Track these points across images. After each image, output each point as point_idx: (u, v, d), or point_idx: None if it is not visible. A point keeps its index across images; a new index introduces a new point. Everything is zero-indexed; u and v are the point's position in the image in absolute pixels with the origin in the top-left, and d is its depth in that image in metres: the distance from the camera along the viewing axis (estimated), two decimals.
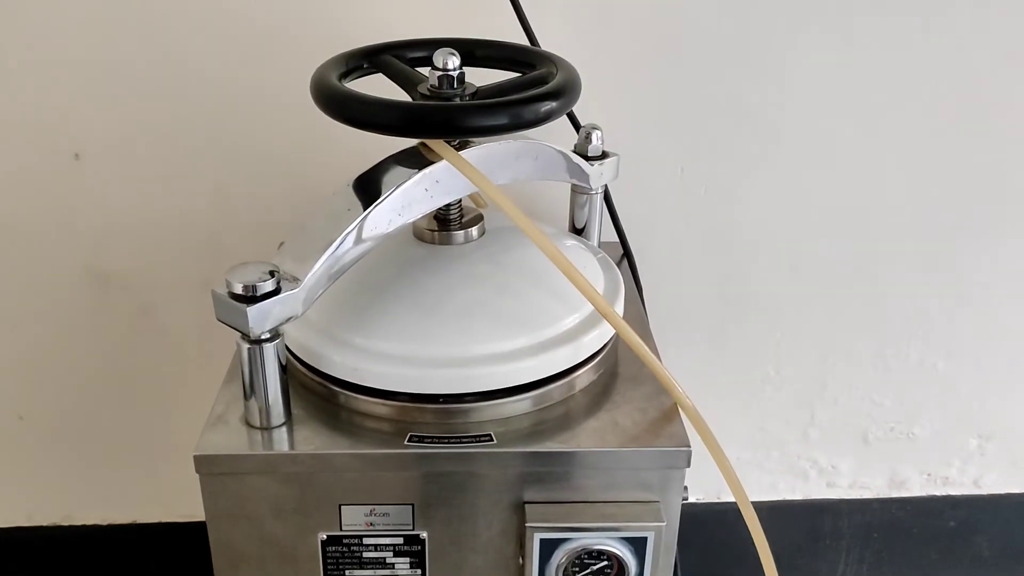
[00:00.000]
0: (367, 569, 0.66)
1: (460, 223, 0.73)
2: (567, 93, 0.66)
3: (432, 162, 0.65)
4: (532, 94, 0.65)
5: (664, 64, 0.94)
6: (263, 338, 0.60)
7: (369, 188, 0.64)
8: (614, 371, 0.73)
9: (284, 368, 0.63)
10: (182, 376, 1.07)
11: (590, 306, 0.68)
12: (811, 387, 1.13)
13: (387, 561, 0.66)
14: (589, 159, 0.83)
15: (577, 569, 0.64)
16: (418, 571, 0.66)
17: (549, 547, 0.64)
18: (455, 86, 0.66)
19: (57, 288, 1.01)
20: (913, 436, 1.17)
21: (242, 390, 0.63)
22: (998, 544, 1.25)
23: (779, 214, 1.02)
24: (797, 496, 1.21)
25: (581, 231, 0.88)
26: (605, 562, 0.64)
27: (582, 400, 0.69)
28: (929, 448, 1.18)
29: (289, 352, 0.68)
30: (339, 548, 0.65)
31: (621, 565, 0.64)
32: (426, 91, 0.66)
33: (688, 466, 0.64)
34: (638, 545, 0.64)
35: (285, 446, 0.63)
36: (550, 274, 0.65)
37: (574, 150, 0.83)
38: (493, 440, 0.63)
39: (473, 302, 0.69)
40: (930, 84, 0.96)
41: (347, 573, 0.66)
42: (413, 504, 0.64)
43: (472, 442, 0.63)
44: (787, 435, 1.16)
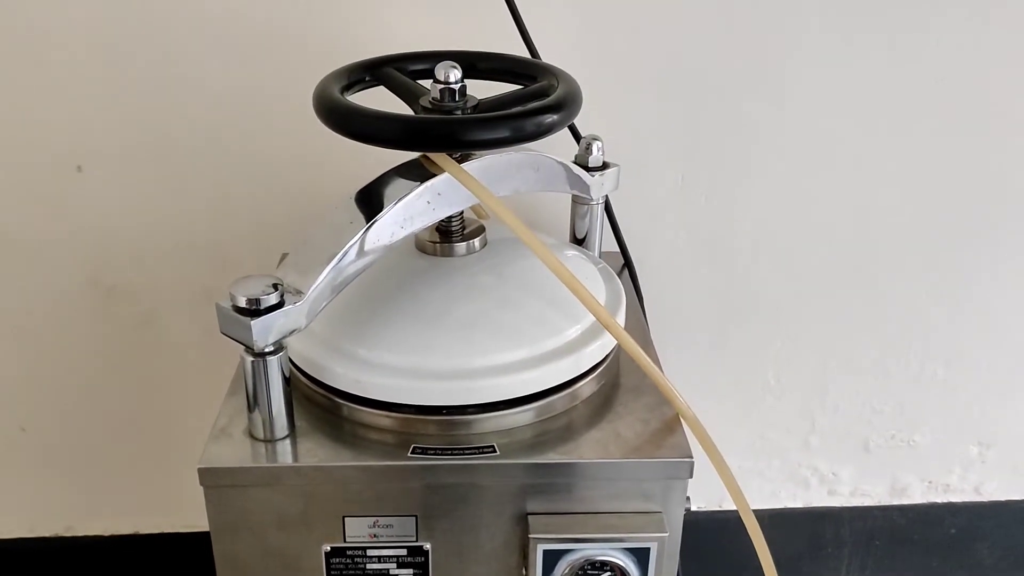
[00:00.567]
0: None
1: (462, 235, 0.74)
2: (568, 106, 0.66)
3: (434, 174, 0.65)
4: (534, 107, 0.65)
5: (663, 74, 0.95)
6: (267, 351, 0.60)
7: (371, 201, 0.65)
8: (616, 381, 0.73)
9: (288, 380, 0.63)
10: (184, 386, 1.07)
11: (592, 317, 0.69)
12: (812, 395, 1.14)
13: (391, 573, 0.66)
14: (590, 170, 0.84)
15: None
16: None
17: (552, 558, 0.64)
18: (457, 99, 0.66)
19: (59, 299, 1.01)
20: (914, 443, 1.17)
21: (246, 402, 0.63)
22: (999, 551, 1.25)
23: (779, 222, 1.03)
24: (798, 504, 1.21)
25: (582, 241, 0.88)
26: (608, 573, 0.64)
27: (584, 411, 0.69)
28: (930, 455, 1.18)
29: (292, 364, 0.68)
30: (343, 560, 0.65)
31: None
32: (428, 104, 0.66)
33: (691, 477, 0.64)
34: (641, 556, 0.64)
35: (289, 458, 0.63)
36: (552, 285, 0.65)
37: (575, 161, 0.83)
38: (496, 452, 0.63)
39: (475, 313, 0.69)
40: (929, 88, 0.97)
41: None
42: (416, 516, 0.64)
43: (475, 454, 0.63)
44: (788, 443, 1.16)
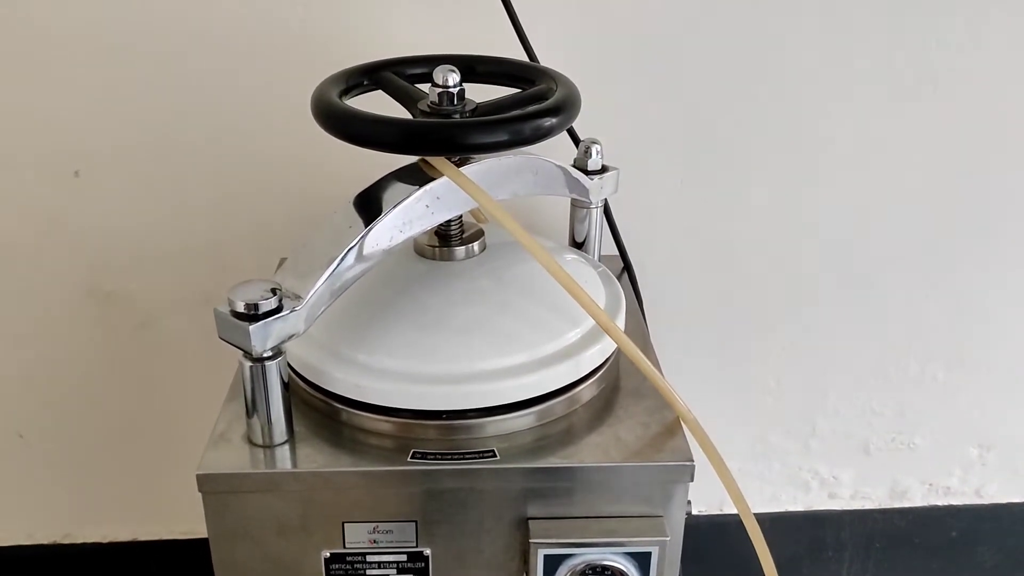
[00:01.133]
0: None
1: (461, 239, 0.73)
2: (567, 109, 0.66)
3: (433, 178, 0.65)
4: (532, 110, 0.65)
5: (662, 78, 0.95)
6: (265, 356, 0.60)
7: (370, 205, 0.64)
8: (616, 385, 0.73)
9: (286, 386, 0.63)
10: (182, 392, 1.06)
11: (591, 321, 0.68)
12: (812, 398, 1.14)
13: None
14: (589, 173, 0.84)
15: None
16: None
17: (553, 563, 0.64)
18: (455, 103, 0.66)
19: (57, 304, 1.01)
20: (914, 446, 1.17)
21: (244, 408, 0.63)
22: (1000, 554, 1.25)
23: (778, 225, 1.03)
24: (799, 507, 1.20)
25: (581, 245, 0.88)
26: None
27: (584, 415, 0.69)
28: (930, 458, 1.18)
29: (291, 369, 0.68)
30: (343, 566, 0.65)
31: None
32: (426, 108, 0.66)
33: (691, 480, 0.64)
34: (642, 560, 0.64)
35: (288, 464, 0.63)
36: (551, 289, 0.65)
37: (574, 164, 0.83)
38: (496, 456, 0.63)
39: (475, 317, 0.69)
40: (928, 90, 0.97)
41: None
42: (416, 521, 0.64)
43: (475, 458, 0.63)
44: (788, 446, 1.16)
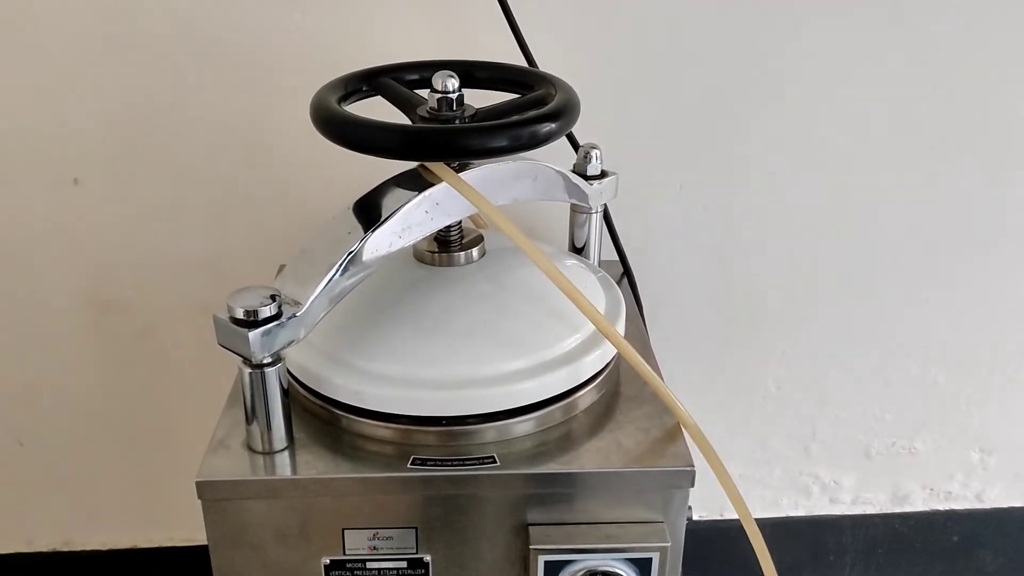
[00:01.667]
0: None
1: (460, 244, 0.73)
2: (566, 114, 0.66)
3: (432, 184, 0.65)
4: (531, 115, 0.65)
5: (661, 83, 0.95)
6: (265, 362, 0.60)
7: (369, 211, 0.64)
8: (616, 391, 0.72)
9: (286, 392, 0.62)
10: (181, 399, 1.06)
11: (591, 326, 0.68)
12: (812, 402, 1.13)
13: None
14: (588, 178, 0.84)
15: None
16: None
17: (554, 569, 0.63)
18: (454, 108, 0.66)
19: (56, 312, 1.01)
20: (915, 451, 1.17)
21: (244, 414, 0.63)
22: (1002, 558, 1.24)
23: (778, 230, 1.03)
24: (800, 512, 1.20)
25: (581, 250, 0.88)
26: None
27: (584, 420, 0.69)
28: (931, 462, 1.18)
29: (291, 376, 0.68)
30: (343, 573, 0.64)
31: None
32: (425, 113, 0.66)
33: (692, 486, 0.63)
34: (643, 566, 0.63)
35: (288, 471, 0.63)
36: (551, 294, 0.65)
37: (573, 169, 0.83)
38: (496, 462, 0.63)
39: (475, 323, 0.69)
40: (928, 93, 0.97)
41: None
42: (416, 527, 0.64)
43: (475, 464, 0.63)
44: (789, 451, 1.16)
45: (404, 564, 0.65)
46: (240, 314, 0.58)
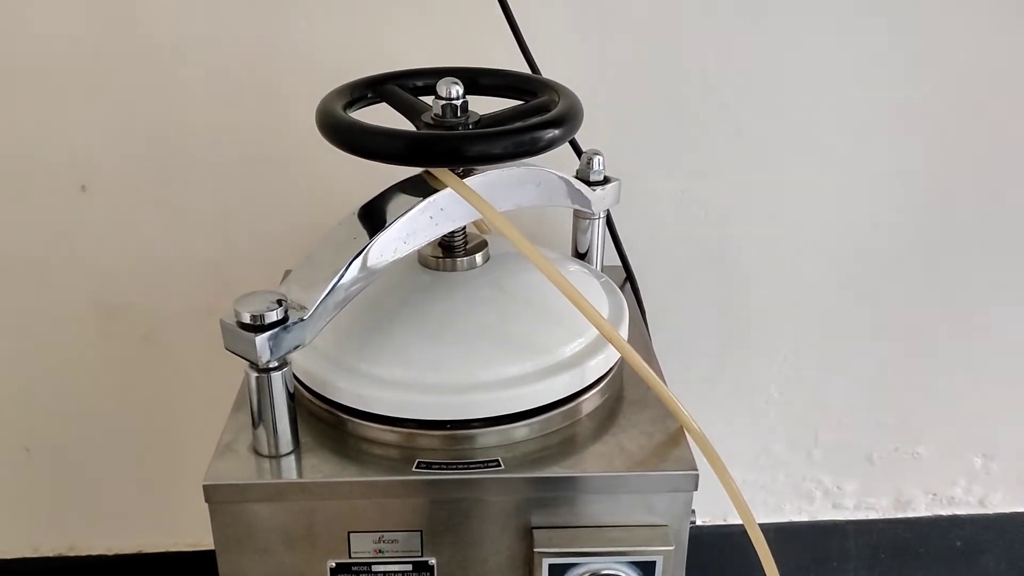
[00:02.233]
0: None
1: (464, 250, 0.74)
2: (569, 121, 0.66)
3: (436, 190, 0.65)
4: (535, 122, 0.65)
5: (663, 89, 0.95)
6: (271, 367, 0.60)
7: (374, 216, 0.65)
8: (619, 395, 0.73)
9: (292, 396, 0.63)
10: (186, 404, 1.07)
11: (595, 331, 0.69)
12: (814, 408, 1.14)
13: None
14: (591, 184, 0.84)
15: None
16: None
17: (558, 572, 0.64)
18: (459, 115, 0.66)
19: (62, 318, 1.01)
20: (918, 456, 1.17)
21: (250, 418, 0.63)
22: (1005, 563, 1.24)
23: (779, 235, 1.03)
24: (803, 518, 1.20)
25: (584, 255, 0.88)
26: None
27: (588, 424, 0.69)
28: (934, 468, 1.18)
29: (296, 380, 0.68)
30: None
31: None
32: (430, 120, 0.67)
33: (696, 489, 0.64)
34: (647, 569, 0.64)
35: (294, 474, 0.63)
36: (554, 299, 0.65)
37: (576, 175, 0.84)
38: (501, 466, 0.63)
39: (479, 328, 0.69)
40: (929, 99, 0.97)
41: None
42: (422, 530, 0.64)
43: (480, 468, 0.63)
44: (792, 456, 1.16)
45: (409, 567, 0.65)
46: (247, 319, 0.58)
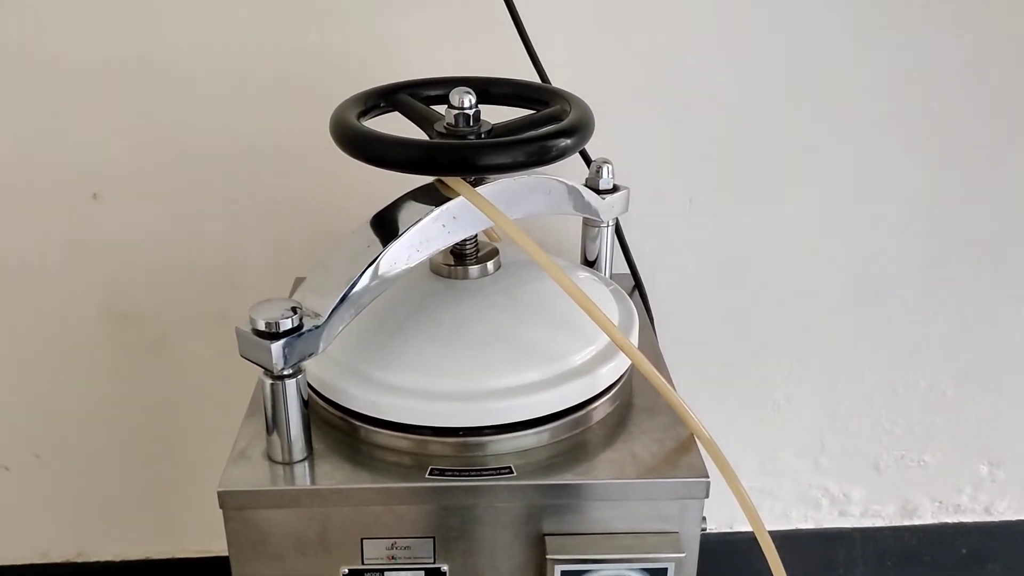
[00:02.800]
0: None
1: (476, 258, 0.74)
2: (581, 130, 0.67)
3: (449, 198, 0.66)
4: (548, 132, 0.66)
5: (672, 99, 0.96)
6: (286, 374, 0.61)
7: (387, 225, 0.65)
8: (629, 402, 0.73)
9: (306, 403, 0.63)
10: (196, 411, 1.07)
11: (605, 338, 0.69)
12: (821, 415, 1.14)
13: None
14: (600, 192, 0.85)
15: None
16: None
17: None
18: (471, 124, 0.67)
19: (74, 326, 1.02)
20: (924, 463, 1.17)
21: (264, 425, 0.64)
22: (1010, 571, 1.24)
23: (787, 243, 1.03)
24: (809, 525, 1.21)
25: (593, 263, 0.89)
26: None
27: (599, 431, 0.69)
28: (940, 475, 1.18)
29: (310, 387, 0.68)
30: None
31: None
32: (443, 129, 0.67)
33: (707, 497, 0.64)
34: None
35: (307, 481, 0.63)
36: (565, 307, 0.66)
37: (585, 184, 0.84)
38: (513, 473, 0.64)
39: (490, 335, 0.69)
40: (934, 109, 0.98)
41: None
42: (434, 537, 0.64)
43: (492, 475, 0.64)
44: (798, 464, 1.16)
45: (422, 574, 0.65)
46: (262, 326, 0.59)
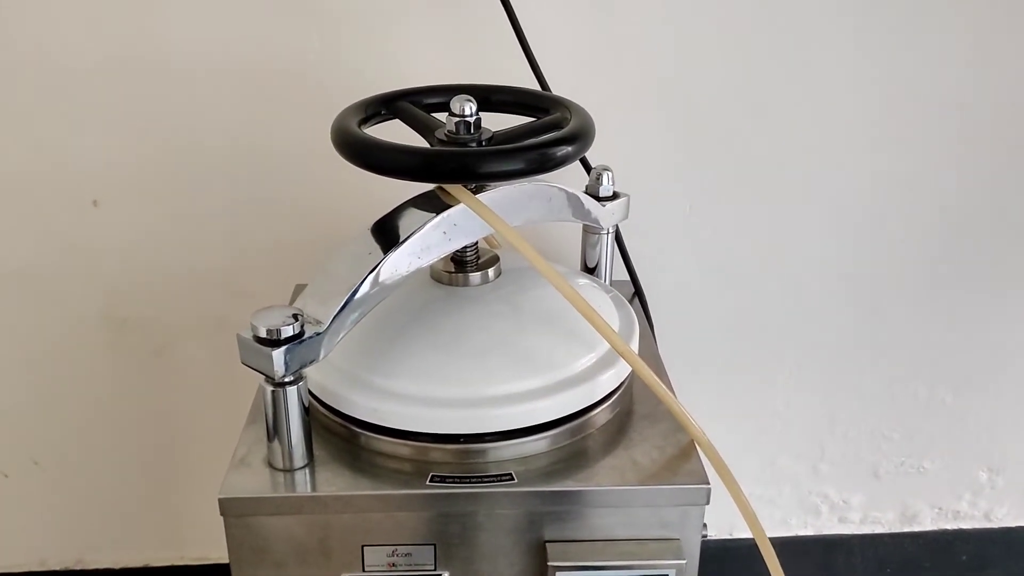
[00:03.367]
0: None
1: (477, 265, 0.74)
2: (582, 138, 0.67)
3: (449, 206, 0.66)
4: (548, 139, 0.66)
5: (671, 106, 0.96)
6: (287, 381, 0.61)
7: (388, 232, 0.66)
8: (630, 409, 0.73)
9: (307, 410, 0.63)
10: (196, 418, 1.07)
11: (606, 345, 0.69)
12: (820, 422, 1.14)
13: None
14: (600, 199, 0.85)
15: None
16: None
17: None
18: (472, 131, 0.67)
19: (73, 332, 1.02)
20: (923, 470, 1.17)
21: (265, 432, 0.64)
22: None
23: (786, 250, 1.04)
24: (809, 532, 1.21)
25: (593, 270, 0.89)
26: None
27: (600, 438, 0.69)
28: (939, 482, 1.18)
29: (311, 394, 0.68)
30: None
31: None
32: (443, 136, 0.67)
33: (707, 503, 0.64)
34: None
35: (308, 488, 0.64)
36: (566, 314, 0.66)
37: (585, 191, 0.84)
38: (514, 479, 0.64)
39: (491, 342, 0.70)
40: (935, 113, 0.98)
41: None
42: (435, 544, 0.65)
43: (493, 482, 0.64)
44: (798, 470, 1.16)
45: None
46: (263, 333, 0.59)
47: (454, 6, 0.91)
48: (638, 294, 0.96)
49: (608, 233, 0.87)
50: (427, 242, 0.65)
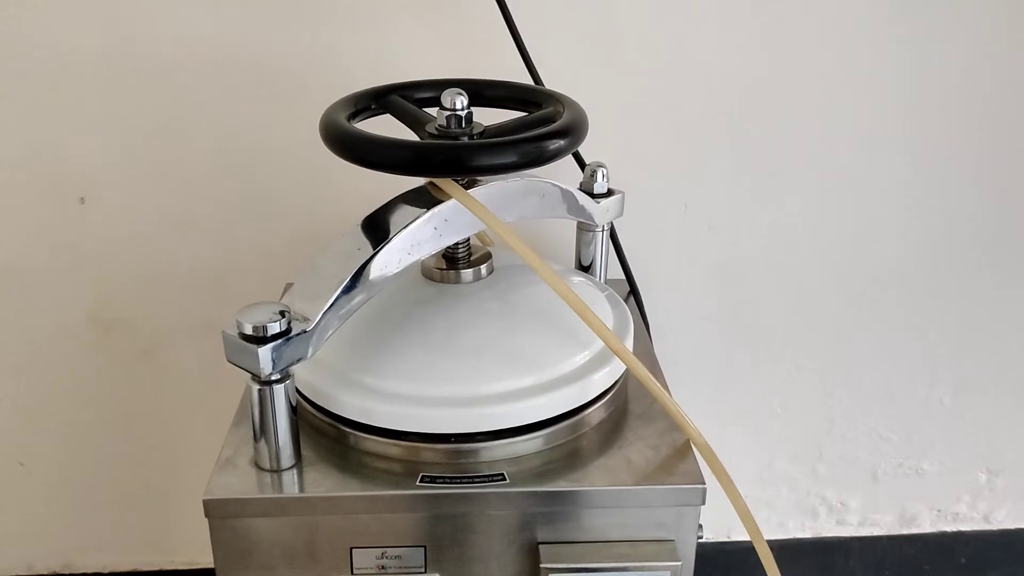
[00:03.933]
0: None
1: (468, 261, 0.73)
2: (574, 132, 0.66)
3: (440, 201, 0.65)
4: (540, 132, 0.65)
5: (667, 102, 0.95)
6: (273, 379, 0.60)
7: (378, 228, 0.64)
8: (624, 408, 0.72)
9: (294, 409, 0.62)
10: (184, 420, 1.06)
11: (600, 343, 0.68)
12: (818, 423, 1.13)
13: None
14: (594, 196, 0.84)
15: None
16: None
17: None
18: (463, 125, 0.66)
19: (60, 333, 1.00)
20: (922, 472, 1.16)
21: (252, 432, 0.63)
22: None
23: (783, 249, 1.03)
24: (807, 534, 1.19)
25: (587, 268, 0.88)
26: None
27: (594, 438, 0.68)
28: (938, 484, 1.17)
29: (298, 393, 0.67)
30: None
31: None
32: (434, 130, 0.66)
33: (703, 504, 0.63)
34: None
35: (295, 488, 0.62)
36: (559, 312, 0.65)
37: (580, 187, 0.83)
38: (506, 480, 0.63)
39: (483, 340, 0.68)
40: (933, 114, 0.97)
41: None
42: (425, 546, 0.63)
43: (484, 482, 0.63)
44: (796, 472, 1.15)
45: None
46: (249, 330, 0.58)
47: (448, 2, 0.90)
48: (633, 292, 0.95)
49: (603, 231, 0.86)
50: (417, 238, 0.64)
